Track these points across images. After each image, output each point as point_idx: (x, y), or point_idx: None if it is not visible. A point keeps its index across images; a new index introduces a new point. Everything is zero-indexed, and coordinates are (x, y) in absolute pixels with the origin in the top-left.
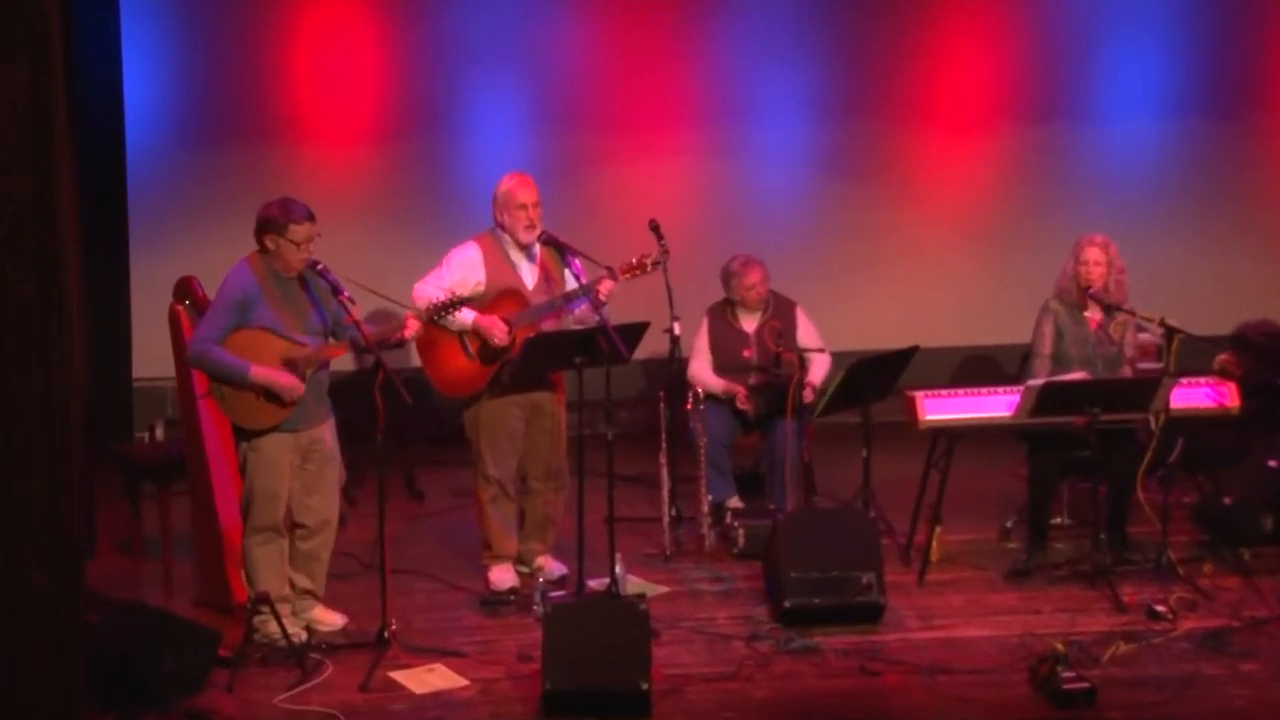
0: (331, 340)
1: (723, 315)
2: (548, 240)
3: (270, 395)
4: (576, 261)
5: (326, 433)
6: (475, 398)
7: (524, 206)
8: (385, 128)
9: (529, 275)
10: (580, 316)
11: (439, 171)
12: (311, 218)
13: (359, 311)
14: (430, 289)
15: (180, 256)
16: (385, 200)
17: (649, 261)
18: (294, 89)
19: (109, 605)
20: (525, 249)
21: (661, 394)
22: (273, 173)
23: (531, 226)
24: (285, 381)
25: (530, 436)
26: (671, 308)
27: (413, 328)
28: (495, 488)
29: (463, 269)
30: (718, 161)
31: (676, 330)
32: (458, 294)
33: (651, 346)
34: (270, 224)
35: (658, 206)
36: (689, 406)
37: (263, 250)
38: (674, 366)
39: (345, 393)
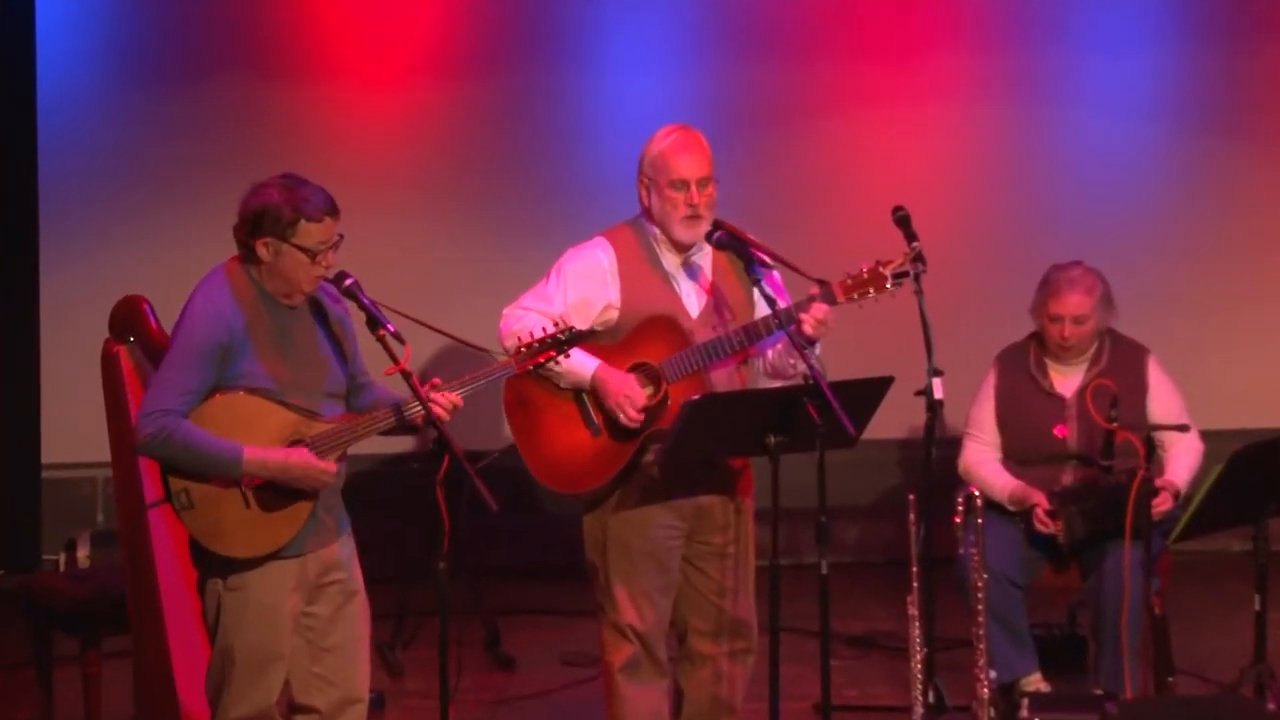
0: (344, 408)
1: (1022, 367)
2: (723, 240)
3: (268, 500)
4: (774, 274)
5: (344, 555)
6: (602, 496)
7: (684, 184)
8: (454, 58)
9: (691, 295)
10: (775, 365)
11: (543, 129)
12: (334, 211)
13: (409, 358)
14: (530, 318)
15: (118, 265)
16: (454, 176)
17: (890, 273)
18: None
19: None
20: (686, 252)
21: (911, 498)
22: (268, 131)
23: (695, 218)
24: (304, 464)
25: (694, 564)
26: (930, 354)
27: (441, 406)
28: (634, 648)
29: (584, 284)
30: (1012, 114)
31: (938, 392)
32: (571, 326)
33: (897, 418)
34: (268, 219)
35: (907, 186)
36: (958, 519)
37: (249, 259)
38: (933, 452)
39: (383, 491)
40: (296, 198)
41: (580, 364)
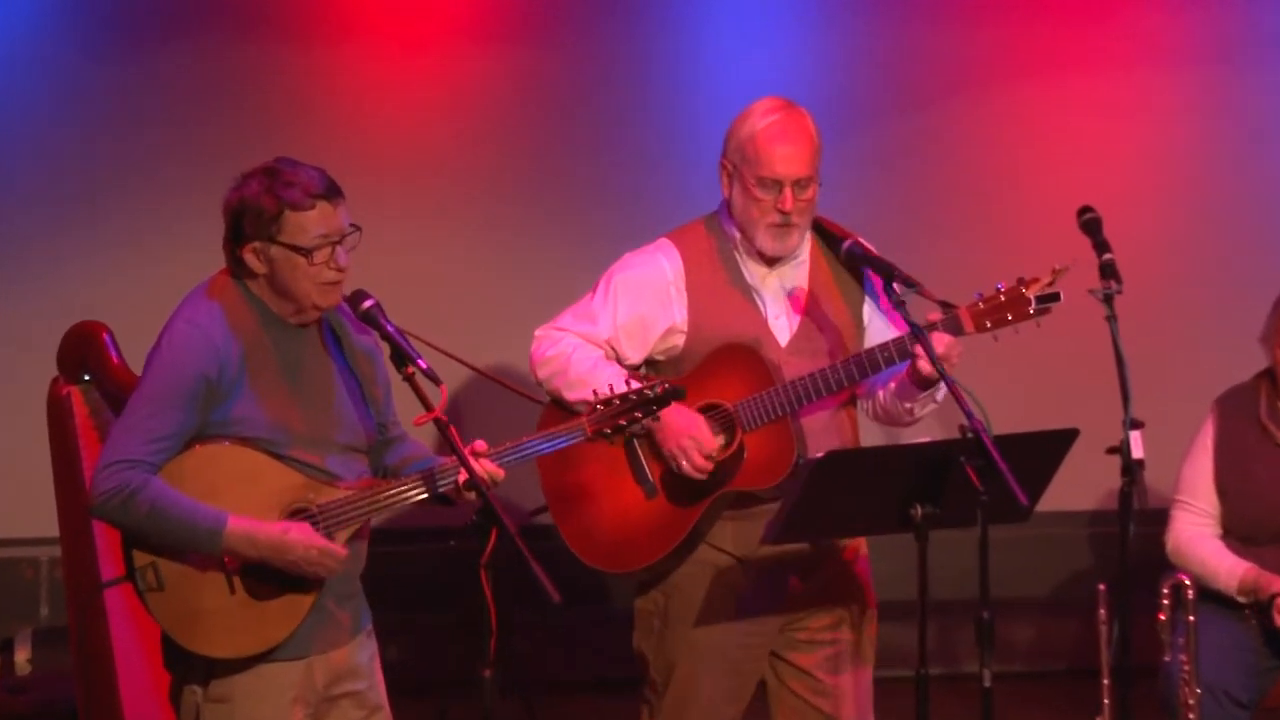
0: (366, 468)
1: (1250, 415)
2: (857, 254)
3: (259, 586)
4: (890, 290)
5: (361, 659)
6: (661, 573)
7: (776, 184)
8: (509, 16)
9: (781, 318)
10: (888, 408)
11: (623, 109)
12: (330, 194)
13: (446, 403)
14: (568, 342)
15: (69, 283)
16: (508, 169)
17: (1034, 295)
18: None
19: None
20: (776, 263)
21: (1102, 589)
22: (269, 109)
23: (786, 226)
24: (306, 542)
25: (783, 658)
26: (1127, 399)
27: (484, 470)
28: None
29: (640, 300)
30: (1242, 86)
31: (1137, 449)
32: (668, 380)
33: (1083, 483)
34: (247, 218)
35: (1101, 180)
36: (1163, 616)
37: (240, 272)
38: (1131, 528)
39: (412, 576)
40: (279, 184)
41: None
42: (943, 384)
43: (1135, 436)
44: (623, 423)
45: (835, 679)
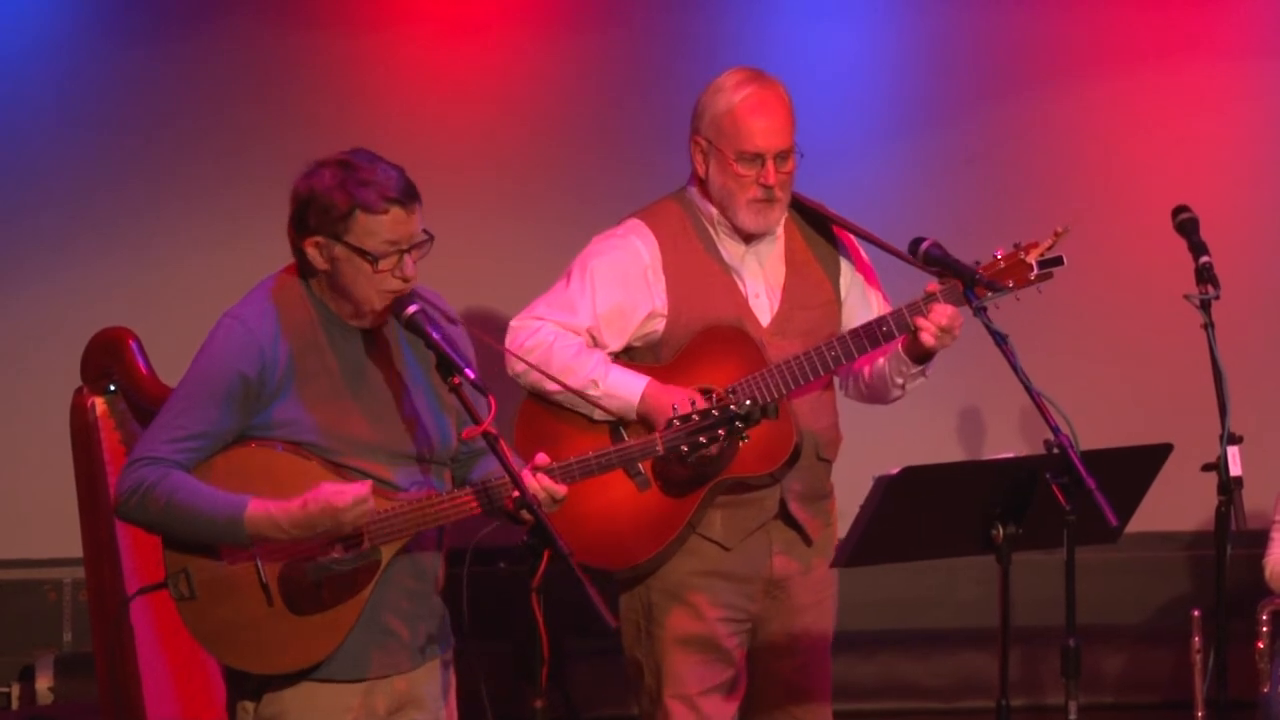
0: (439, 480)
1: None
2: (935, 255)
3: (299, 596)
4: (862, 257)
5: (428, 690)
6: (644, 571)
7: (758, 158)
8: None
9: (760, 296)
10: (874, 385)
11: (693, 96)
12: (406, 199)
13: (494, 413)
14: (546, 331)
15: (92, 285)
16: (570, 161)
17: (1035, 260)
18: None
19: None
20: (750, 241)
21: (1196, 615)
22: (309, 97)
23: (769, 201)
24: (326, 506)
25: (758, 662)
26: (1224, 412)
27: (537, 486)
28: None
29: (619, 286)
30: None
31: (1235, 466)
32: (754, 399)
33: (1176, 502)
34: (314, 210)
35: (1205, 176)
36: (1261, 645)
37: (304, 269)
38: (1228, 551)
39: (457, 600)
40: (353, 180)
41: (623, 385)
42: (934, 359)
43: (1233, 452)
44: (702, 440)
45: (807, 681)
